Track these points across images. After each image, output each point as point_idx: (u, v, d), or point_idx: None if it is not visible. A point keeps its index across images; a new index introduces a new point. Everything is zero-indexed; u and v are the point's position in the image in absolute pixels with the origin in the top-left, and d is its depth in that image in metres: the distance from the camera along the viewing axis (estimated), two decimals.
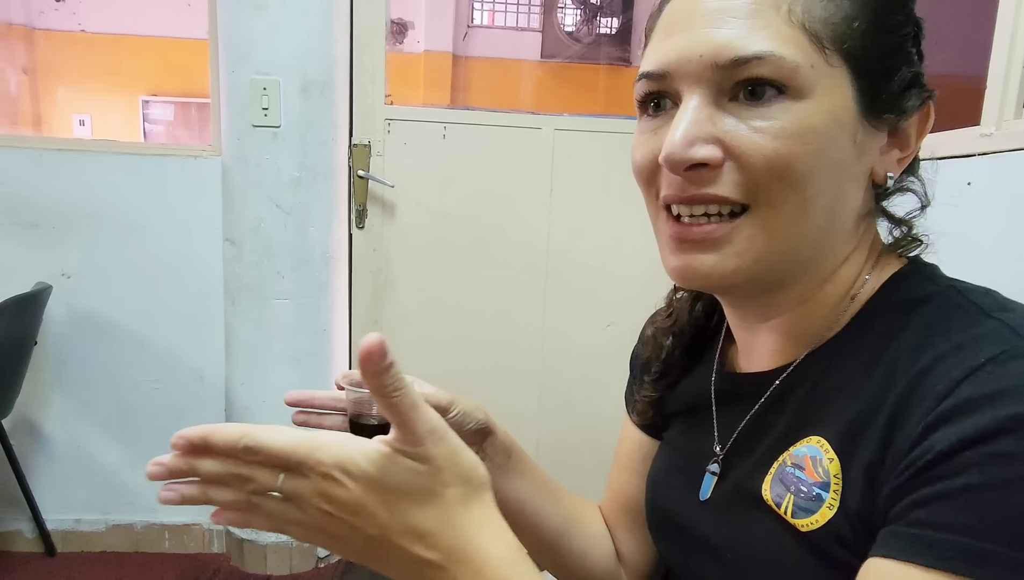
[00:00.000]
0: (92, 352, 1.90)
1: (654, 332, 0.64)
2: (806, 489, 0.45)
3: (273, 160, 1.78)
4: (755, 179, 0.43)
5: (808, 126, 0.42)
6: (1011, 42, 1.08)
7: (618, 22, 4.47)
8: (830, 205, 0.45)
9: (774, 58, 0.41)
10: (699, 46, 0.43)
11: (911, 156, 0.47)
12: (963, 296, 0.44)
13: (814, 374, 0.48)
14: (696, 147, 0.43)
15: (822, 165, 0.43)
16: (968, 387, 0.37)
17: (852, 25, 0.43)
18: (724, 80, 0.43)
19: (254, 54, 1.73)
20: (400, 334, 1.90)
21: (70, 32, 4.68)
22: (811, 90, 0.42)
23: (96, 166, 1.83)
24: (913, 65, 0.46)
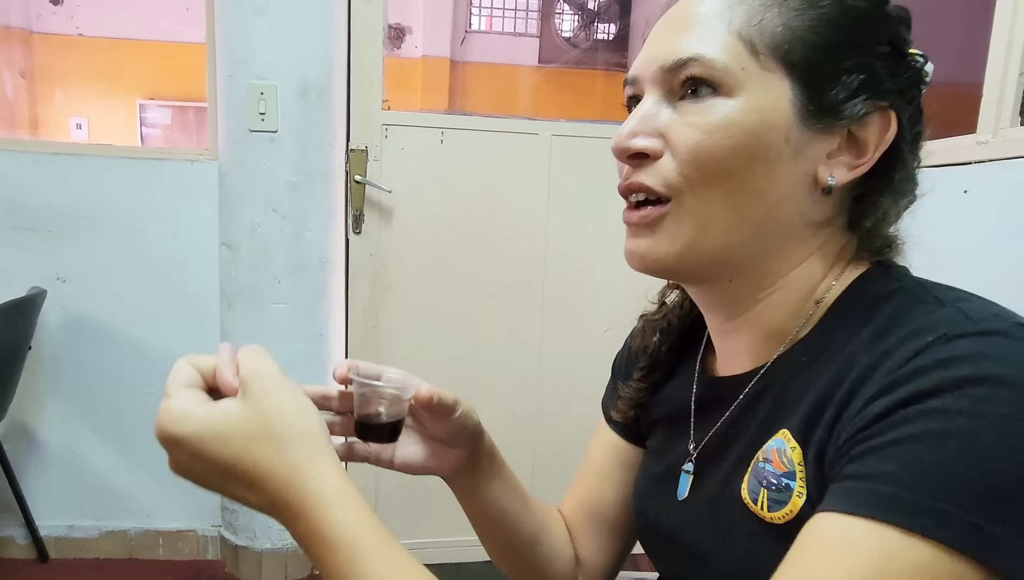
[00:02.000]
0: (87, 356, 1.89)
1: (644, 325, 0.66)
2: (776, 481, 0.46)
3: (270, 164, 1.78)
4: (683, 168, 0.47)
5: (732, 121, 0.46)
6: (1007, 50, 1.09)
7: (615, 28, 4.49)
8: (760, 200, 0.47)
9: (704, 59, 0.46)
10: (655, 53, 0.49)
11: (866, 165, 0.48)
12: (925, 290, 0.45)
13: (785, 374, 0.50)
14: (637, 139, 0.49)
15: (744, 159, 0.46)
16: (913, 362, 0.39)
17: (794, 35, 0.46)
18: (672, 81, 0.48)
19: (252, 58, 1.73)
20: (397, 339, 1.90)
21: (68, 35, 4.67)
22: (740, 90, 0.46)
23: (92, 169, 1.83)
24: (871, 75, 0.47)
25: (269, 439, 0.43)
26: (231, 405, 0.45)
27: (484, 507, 0.63)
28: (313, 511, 0.42)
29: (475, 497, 0.63)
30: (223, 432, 0.43)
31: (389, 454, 0.59)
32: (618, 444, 0.68)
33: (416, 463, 0.60)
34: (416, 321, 1.90)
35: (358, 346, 1.87)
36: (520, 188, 1.90)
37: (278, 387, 0.45)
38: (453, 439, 0.60)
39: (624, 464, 0.68)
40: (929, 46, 0.51)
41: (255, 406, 0.44)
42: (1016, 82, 1.07)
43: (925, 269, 0.50)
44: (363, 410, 0.53)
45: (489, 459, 0.63)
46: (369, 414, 0.53)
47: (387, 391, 0.53)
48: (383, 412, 0.53)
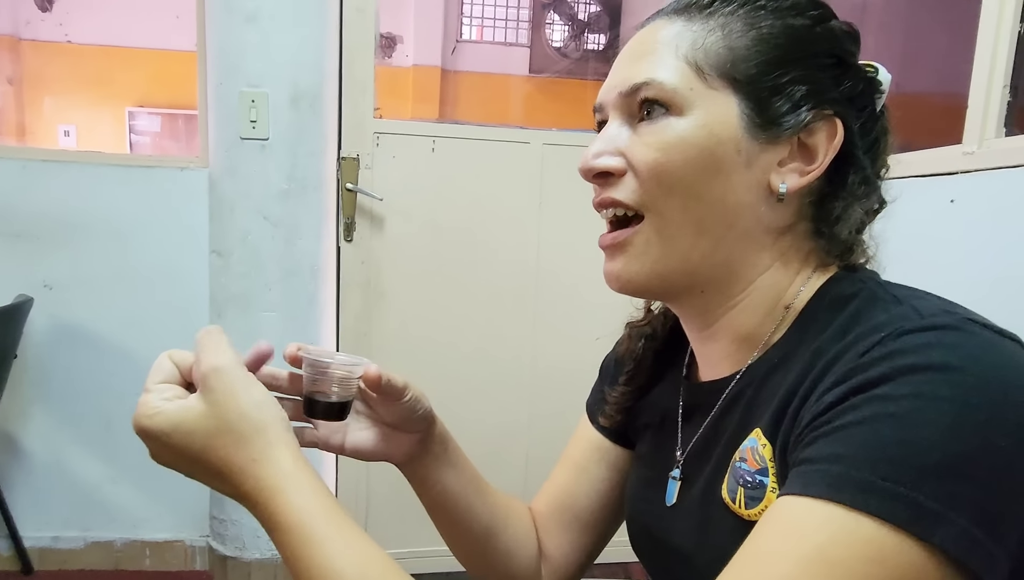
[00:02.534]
0: (74, 365, 1.87)
1: (630, 331, 0.67)
2: (751, 479, 0.48)
3: (261, 172, 1.77)
4: (643, 186, 0.51)
5: (682, 138, 0.49)
6: (991, 62, 1.11)
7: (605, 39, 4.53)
8: (719, 210, 0.50)
9: (655, 82, 0.50)
10: (615, 81, 0.53)
11: (816, 170, 0.50)
12: (884, 289, 0.48)
13: (759, 376, 0.52)
14: (602, 158, 0.53)
15: (699, 172, 0.49)
16: (867, 355, 0.41)
17: (737, 54, 0.50)
18: (631, 104, 0.52)
19: (243, 66, 1.73)
20: (389, 347, 1.89)
21: (56, 43, 4.65)
22: (690, 108, 0.49)
23: (81, 177, 1.82)
24: (814, 86, 0.50)
25: (228, 434, 0.46)
26: (194, 401, 0.48)
27: (436, 494, 0.64)
28: (269, 498, 0.45)
29: (427, 483, 0.64)
30: (188, 428, 0.47)
31: (340, 439, 0.60)
32: (600, 442, 0.69)
33: (366, 448, 0.61)
34: (408, 329, 1.90)
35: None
36: (512, 197, 1.91)
37: (234, 381, 0.48)
38: (404, 423, 0.60)
39: (603, 461, 0.69)
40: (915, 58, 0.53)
41: (213, 402, 0.47)
42: (1001, 93, 1.09)
43: (911, 277, 0.51)
44: (312, 388, 0.54)
45: (441, 445, 0.64)
46: (319, 392, 0.54)
47: (337, 369, 0.54)
48: (333, 390, 0.54)
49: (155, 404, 0.48)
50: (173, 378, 0.50)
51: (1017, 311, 1.01)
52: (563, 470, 0.71)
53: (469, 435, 2.11)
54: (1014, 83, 1.08)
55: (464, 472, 0.66)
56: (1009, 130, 1.10)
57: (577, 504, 0.69)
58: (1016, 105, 1.10)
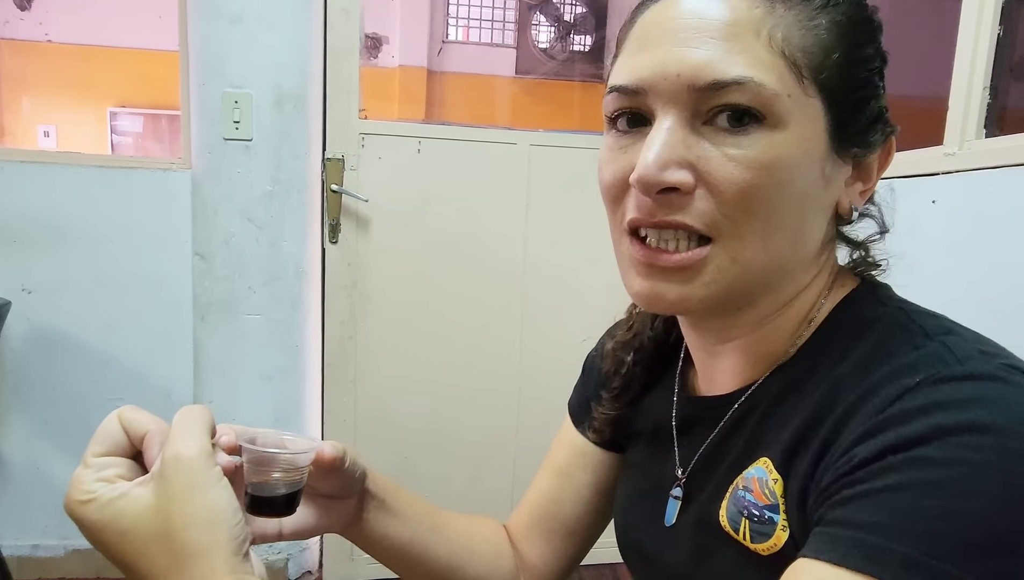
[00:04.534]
0: (53, 370, 1.84)
1: (614, 346, 0.63)
2: (758, 512, 0.45)
3: (245, 173, 1.75)
4: (724, 209, 0.42)
5: (779, 157, 0.41)
6: (971, 64, 1.12)
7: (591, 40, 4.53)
8: (794, 236, 0.45)
9: (754, 84, 0.40)
10: (675, 64, 0.42)
11: (872, 189, 0.48)
12: (909, 318, 0.44)
13: (769, 397, 0.48)
14: (670, 170, 0.42)
15: (790, 197, 0.43)
16: (899, 404, 0.38)
17: (830, 56, 0.42)
18: (700, 103, 0.42)
19: (226, 67, 1.71)
20: (376, 350, 1.88)
21: (36, 42, 4.58)
22: (787, 120, 0.41)
23: (60, 178, 1.79)
24: (880, 99, 0.46)
25: (169, 544, 0.38)
26: (139, 492, 0.40)
27: (387, 547, 0.59)
28: None
29: (374, 541, 0.59)
30: (125, 525, 0.39)
31: (276, 526, 0.52)
32: (585, 447, 0.66)
33: (307, 527, 0.54)
34: (394, 331, 1.89)
35: (335, 358, 1.85)
36: (499, 198, 1.90)
37: (196, 479, 0.39)
38: (342, 491, 0.55)
39: (588, 466, 0.66)
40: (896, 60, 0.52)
41: (164, 498, 0.39)
42: (981, 95, 1.10)
43: (893, 277, 0.51)
44: (256, 479, 0.46)
45: (380, 498, 0.58)
46: (263, 484, 0.46)
47: (283, 457, 0.46)
48: (279, 480, 0.46)
49: (91, 487, 0.39)
50: (119, 448, 0.42)
51: (998, 310, 1.02)
52: (546, 477, 0.68)
53: (457, 441, 2.12)
54: (994, 85, 1.10)
55: (411, 516, 0.60)
56: (989, 131, 1.11)
57: (562, 512, 0.66)
58: (996, 107, 1.11)
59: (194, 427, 0.41)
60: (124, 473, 0.41)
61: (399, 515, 0.60)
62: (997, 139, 1.10)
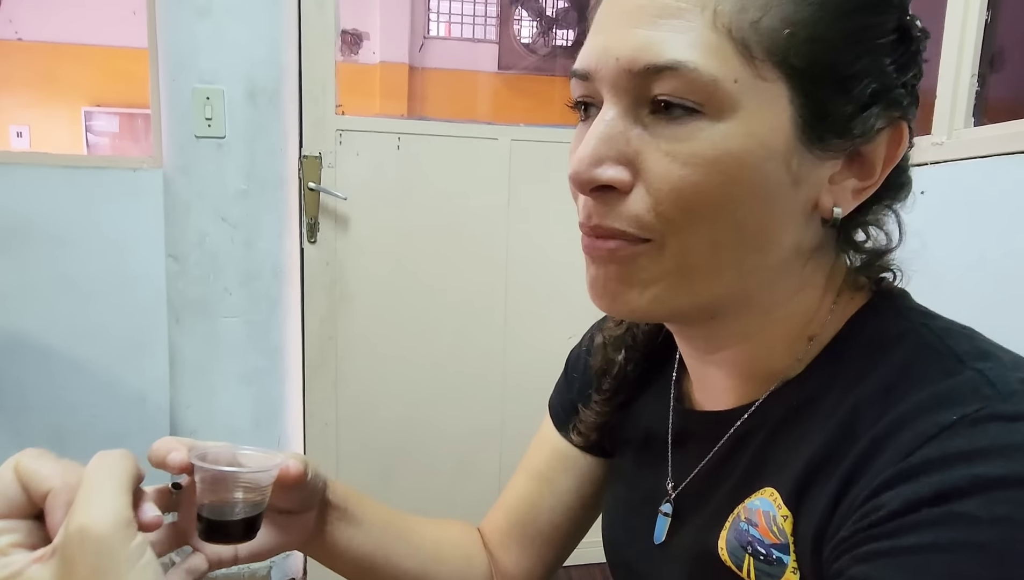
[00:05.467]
0: (23, 377, 1.78)
1: (604, 341, 0.58)
2: (764, 551, 0.41)
3: (218, 171, 1.71)
4: (660, 208, 0.38)
5: (724, 151, 0.36)
6: (959, 52, 1.10)
7: (573, 34, 4.50)
8: (757, 239, 0.39)
9: (687, 70, 0.35)
10: (616, 47, 0.38)
11: (872, 187, 0.40)
12: (938, 338, 0.39)
13: (774, 418, 0.43)
14: (603, 167, 0.38)
15: (741, 196, 0.37)
16: (935, 445, 0.33)
17: (797, 32, 0.36)
18: (642, 89, 0.37)
19: (196, 62, 1.66)
20: (357, 350, 1.84)
21: (6, 40, 4.47)
22: (732, 109, 0.36)
23: (28, 179, 1.72)
24: (883, 78, 0.38)
25: None
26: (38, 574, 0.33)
27: (350, 559, 0.55)
28: None
29: (336, 554, 0.55)
30: None
31: (231, 550, 0.47)
32: (567, 451, 0.62)
33: (266, 549, 0.49)
34: (375, 331, 1.85)
35: (315, 359, 1.80)
36: (480, 194, 1.87)
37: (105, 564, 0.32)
38: (302, 505, 0.50)
39: (570, 471, 0.62)
40: None
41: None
42: (968, 84, 1.08)
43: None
44: (211, 500, 0.41)
45: (340, 509, 0.54)
46: (220, 506, 0.41)
47: (244, 476, 0.41)
48: (238, 502, 0.41)
49: None
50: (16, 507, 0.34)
51: (988, 299, 1.01)
52: (524, 481, 0.64)
53: (441, 441, 2.09)
54: (981, 73, 1.08)
55: (374, 525, 0.57)
56: (977, 120, 1.10)
57: (540, 518, 0.62)
58: (983, 95, 1.09)
59: (106, 485, 0.34)
60: (22, 540, 0.34)
61: (361, 525, 0.56)
62: (986, 128, 1.08)
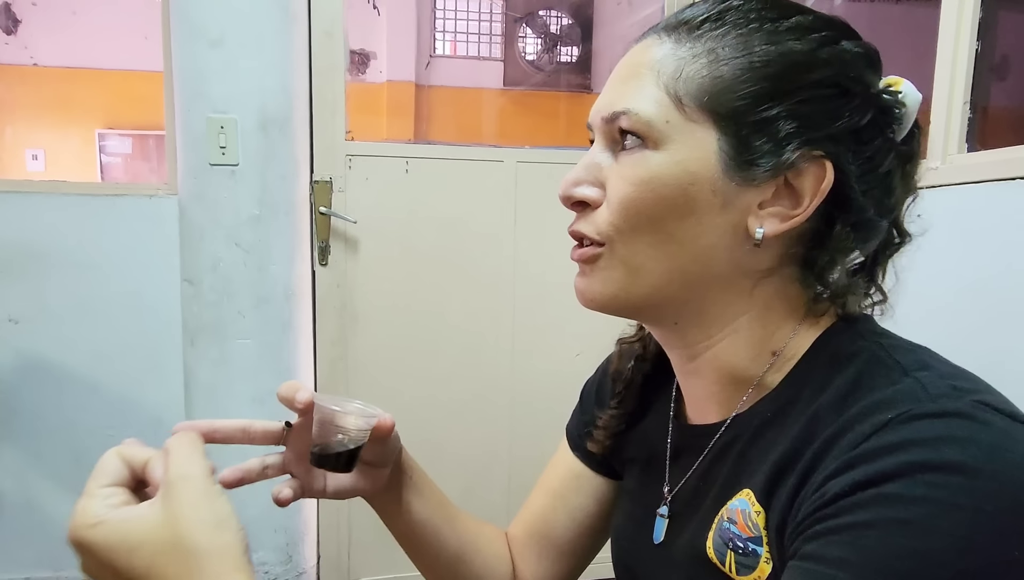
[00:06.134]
0: (42, 400, 1.82)
1: (620, 349, 0.65)
2: (742, 544, 0.46)
3: (231, 198, 1.75)
4: (612, 218, 0.49)
5: (655, 174, 0.47)
6: (951, 79, 1.13)
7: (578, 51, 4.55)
8: (689, 251, 0.48)
9: (631, 112, 0.48)
10: (601, 103, 0.51)
11: (800, 216, 0.46)
12: (887, 352, 0.45)
13: (752, 428, 0.50)
14: (580, 187, 0.51)
15: (670, 211, 0.47)
16: (873, 440, 0.39)
17: (718, 84, 0.46)
18: (612, 132, 0.49)
19: (210, 91, 1.71)
20: (366, 371, 1.87)
21: (22, 66, 4.57)
22: (665, 143, 0.47)
23: (46, 207, 1.77)
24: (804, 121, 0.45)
25: (181, 551, 0.40)
26: (147, 510, 0.41)
27: (404, 523, 0.63)
28: None
29: (396, 513, 0.63)
30: (135, 541, 0.40)
31: (321, 483, 0.58)
32: (580, 470, 0.68)
33: (347, 488, 0.60)
34: (385, 352, 1.88)
35: (327, 379, 1.83)
36: (487, 216, 1.90)
37: (201, 494, 0.41)
38: (382, 459, 0.60)
39: (582, 490, 0.67)
40: None
41: (172, 513, 0.41)
42: (961, 110, 1.11)
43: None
44: (323, 439, 0.52)
45: (408, 474, 0.63)
46: (329, 441, 0.52)
47: (350, 419, 0.52)
48: (345, 441, 0.52)
49: (96, 512, 0.41)
50: (120, 480, 0.44)
51: (982, 322, 1.02)
52: (540, 496, 0.70)
53: (450, 460, 2.11)
54: (973, 100, 1.10)
55: (431, 499, 0.65)
56: (971, 146, 1.12)
57: (553, 532, 0.68)
58: (976, 121, 1.12)
59: (193, 450, 0.44)
60: (128, 500, 0.43)
61: (422, 495, 0.64)
62: (979, 153, 1.10)
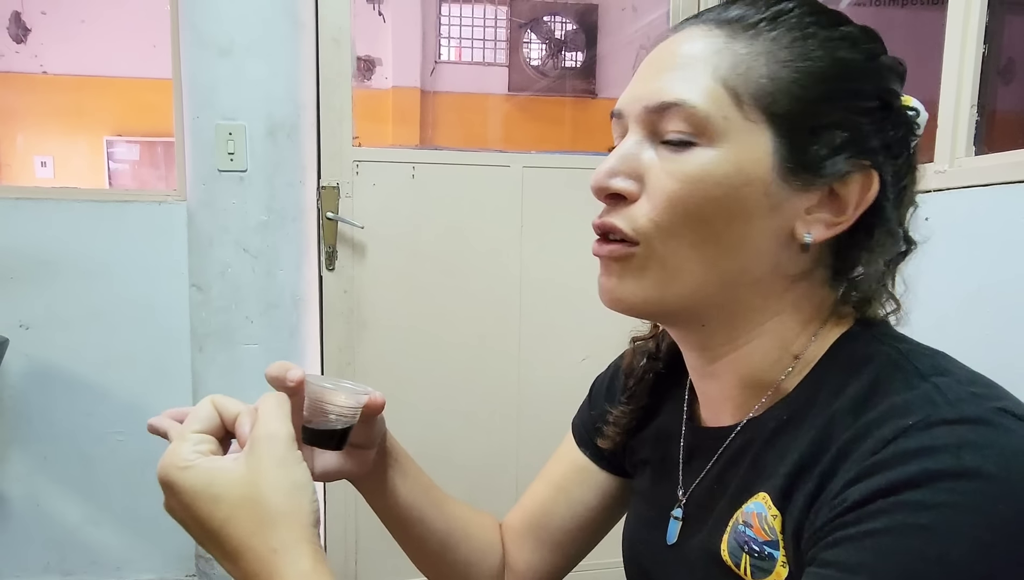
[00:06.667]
0: (52, 405, 1.83)
1: (634, 347, 0.65)
2: (757, 548, 0.46)
3: (240, 204, 1.76)
4: (654, 214, 0.47)
5: (708, 172, 0.45)
6: (958, 82, 1.13)
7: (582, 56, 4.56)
8: (734, 252, 0.47)
9: (687, 105, 0.45)
10: (640, 91, 0.49)
11: (844, 224, 0.47)
12: (904, 356, 0.45)
13: (766, 431, 0.49)
14: (616, 179, 0.48)
15: (719, 212, 0.45)
16: (891, 447, 0.39)
17: (779, 85, 0.45)
18: (655, 122, 0.47)
19: (219, 99, 1.72)
20: (374, 375, 1.87)
21: (32, 74, 4.61)
22: (721, 140, 0.45)
23: (56, 214, 1.79)
24: (855, 132, 0.46)
25: (257, 509, 0.43)
26: (232, 464, 0.45)
27: (390, 506, 0.63)
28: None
29: (382, 495, 0.63)
30: (218, 490, 0.43)
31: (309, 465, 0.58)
32: (584, 465, 0.67)
33: (334, 470, 0.59)
34: (392, 357, 1.88)
35: None
36: (493, 220, 1.91)
37: (282, 457, 0.45)
38: (368, 441, 0.59)
39: (585, 484, 0.67)
40: None
41: (254, 471, 0.44)
42: (969, 113, 1.11)
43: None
44: (314, 417, 0.52)
45: (394, 456, 0.63)
46: (321, 419, 0.51)
47: (341, 396, 0.52)
48: (336, 419, 0.52)
49: (189, 456, 0.44)
50: (212, 427, 0.47)
51: (992, 326, 1.02)
52: (541, 487, 0.70)
53: (458, 463, 2.11)
54: (981, 103, 1.10)
55: (417, 483, 0.64)
56: (979, 149, 1.12)
57: (552, 524, 0.67)
58: (984, 125, 1.11)
59: (281, 411, 0.47)
60: (216, 449, 0.46)
61: (408, 477, 0.63)
62: (987, 156, 1.10)
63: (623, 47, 4.33)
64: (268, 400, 0.47)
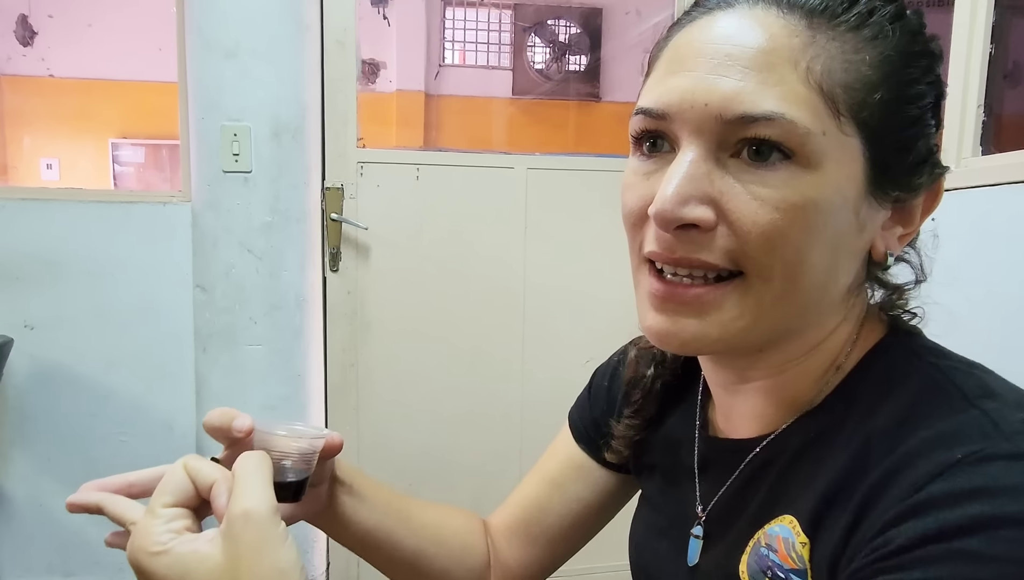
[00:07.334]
0: (56, 405, 1.84)
1: (637, 355, 0.61)
2: (783, 575, 0.42)
3: (244, 205, 1.76)
4: (746, 249, 0.40)
5: (811, 199, 0.38)
6: (965, 82, 1.12)
7: (586, 60, 4.57)
8: (824, 280, 0.42)
9: (785, 121, 0.37)
10: (704, 93, 0.39)
11: (913, 234, 0.45)
12: (944, 374, 0.41)
13: (794, 446, 0.45)
14: (689, 206, 0.39)
15: (819, 241, 0.40)
16: (940, 483, 0.35)
17: (873, 93, 0.39)
18: (727, 134, 0.39)
19: (224, 100, 1.73)
20: (376, 377, 1.87)
21: (38, 77, 4.63)
22: (820, 160, 0.38)
23: (61, 214, 1.80)
24: (929, 139, 0.43)
25: None
26: (209, 549, 0.40)
27: (353, 533, 0.59)
28: None
29: (342, 526, 0.59)
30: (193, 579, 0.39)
31: None
32: (581, 460, 0.65)
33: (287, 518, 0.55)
34: (396, 358, 1.88)
35: (337, 386, 1.84)
36: (497, 222, 1.91)
37: (262, 539, 0.40)
38: (319, 478, 0.55)
39: (582, 480, 0.65)
40: None
41: (233, 556, 0.39)
42: (975, 113, 1.10)
43: None
44: None
45: (347, 484, 0.58)
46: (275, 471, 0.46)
47: (294, 444, 0.47)
48: (288, 468, 0.47)
49: (162, 539, 0.40)
50: (185, 498, 0.43)
51: (999, 329, 1.01)
52: (535, 482, 0.67)
53: (461, 465, 2.10)
54: (987, 103, 1.10)
55: (377, 503, 0.60)
56: (985, 149, 1.12)
57: (546, 520, 0.65)
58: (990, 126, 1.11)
59: (257, 479, 0.42)
60: (191, 525, 0.42)
61: (366, 501, 0.60)
62: (994, 157, 1.10)
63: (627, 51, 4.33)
64: (246, 464, 0.43)
